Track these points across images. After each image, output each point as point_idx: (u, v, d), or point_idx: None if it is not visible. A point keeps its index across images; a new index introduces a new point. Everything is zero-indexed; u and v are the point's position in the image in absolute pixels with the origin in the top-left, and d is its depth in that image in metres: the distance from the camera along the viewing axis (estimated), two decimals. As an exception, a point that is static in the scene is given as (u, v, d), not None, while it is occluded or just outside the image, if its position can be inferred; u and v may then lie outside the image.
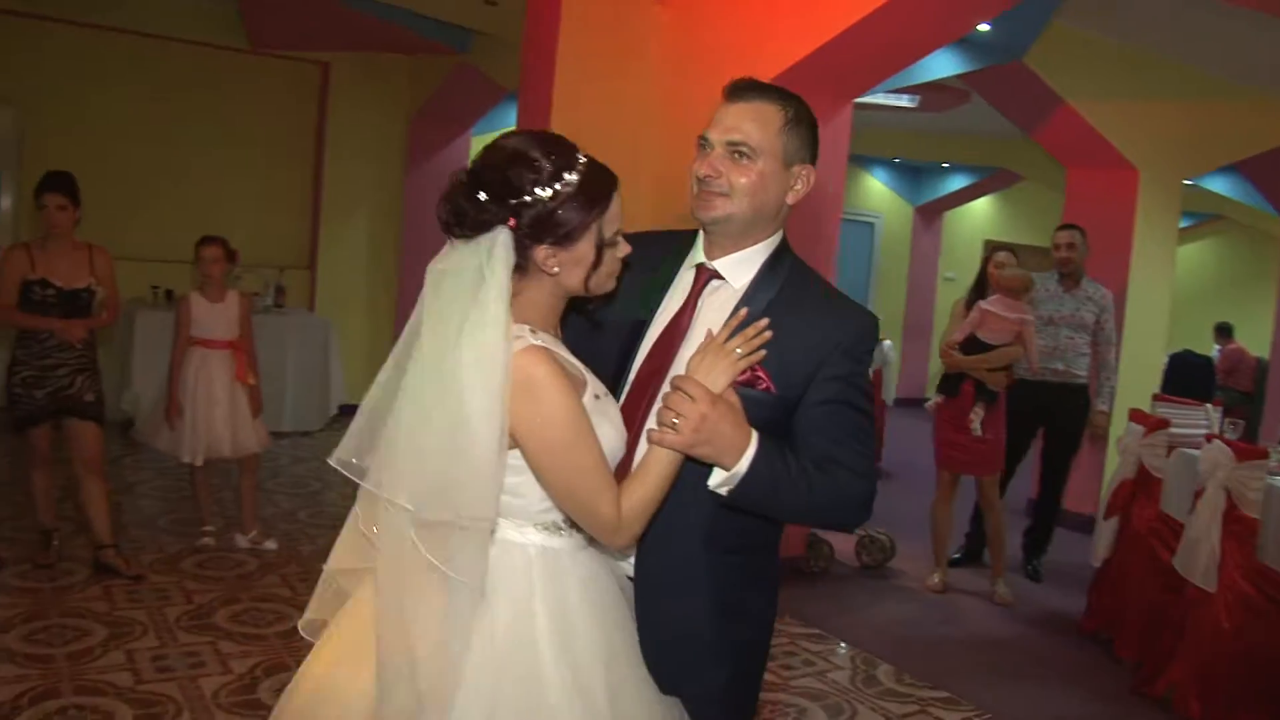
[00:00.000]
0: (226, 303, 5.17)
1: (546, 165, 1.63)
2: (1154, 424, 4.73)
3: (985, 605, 5.35)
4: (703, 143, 1.82)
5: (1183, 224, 14.66)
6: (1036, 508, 6.02)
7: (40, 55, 7.89)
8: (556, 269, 1.67)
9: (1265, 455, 4.00)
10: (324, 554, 1.76)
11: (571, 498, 1.62)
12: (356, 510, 1.70)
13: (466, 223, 1.63)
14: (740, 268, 1.84)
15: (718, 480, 1.69)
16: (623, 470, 1.69)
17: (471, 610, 1.57)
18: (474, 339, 1.55)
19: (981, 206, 13.13)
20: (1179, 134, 7.06)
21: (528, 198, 1.62)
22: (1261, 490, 3.92)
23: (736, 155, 1.78)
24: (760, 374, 1.74)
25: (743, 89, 1.81)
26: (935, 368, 6.49)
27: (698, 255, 1.88)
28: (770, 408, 1.75)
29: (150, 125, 8.26)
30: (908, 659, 4.50)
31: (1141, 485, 4.72)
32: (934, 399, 5.43)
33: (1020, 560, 5.96)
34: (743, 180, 1.77)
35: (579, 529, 1.70)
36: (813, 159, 1.84)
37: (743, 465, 1.66)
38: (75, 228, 4.70)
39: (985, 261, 5.58)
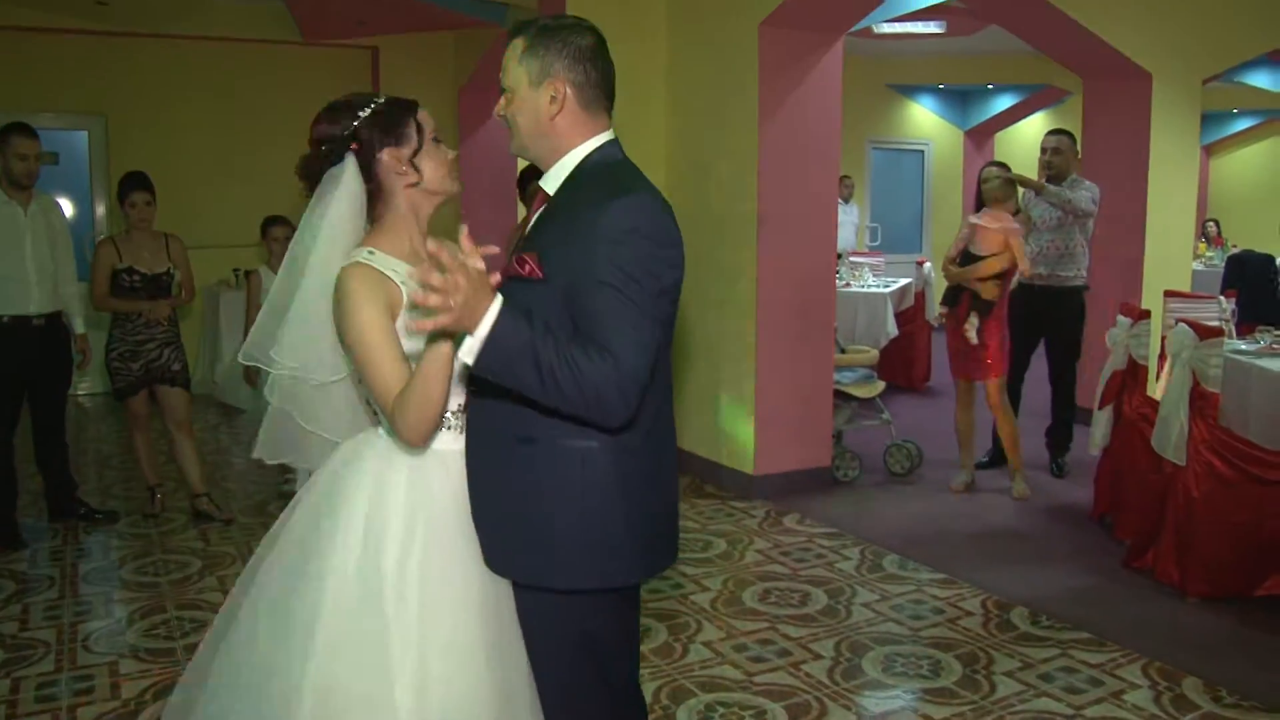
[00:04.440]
0: (291, 276, 5.77)
1: (354, 101, 2.12)
2: (1139, 315, 5.02)
3: (1004, 501, 5.69)
4: None
5: (1244, 125, 14.57)
6: (1053, 409, 6.29)
7: (120, 69, 8.73)
8: (403, 168, 2.09)
9: (1222, 334, 4.30)
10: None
11: (371, 389, 1.98)
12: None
13: (320, 171, 2.12)
14: (553, 179, 2.04)
15: (466, 348, 1.76)
16: None
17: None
18: (319, 254, 2.07)
19: (1035, 125, 13.12)
20: (1192, 32, 7.14)
21: (355, 122, 2.09)
22: (1220, 366, 4.24)
23: (504, 92, 2.04)
24: (528, 260, 1.92)
25: (510, 32, 2.05)
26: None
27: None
28: (540, 293, 1.90)
29: (218, 123, 9.02)
30: (915, 549, 4.91)
31: (1130, 374, 5.02)
32: (939, 310, 5.80)
33: (1045, 459, 6.27)
34: (509, 110, 2.03)
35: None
36: (565, 72, 1.97)
37: (484, 327, 1.73)
38: (154, 219, 5.34)
39: (978, 182, 5.86)
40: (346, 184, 2.08)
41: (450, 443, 2.08)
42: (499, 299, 1.76)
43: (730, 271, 5.79)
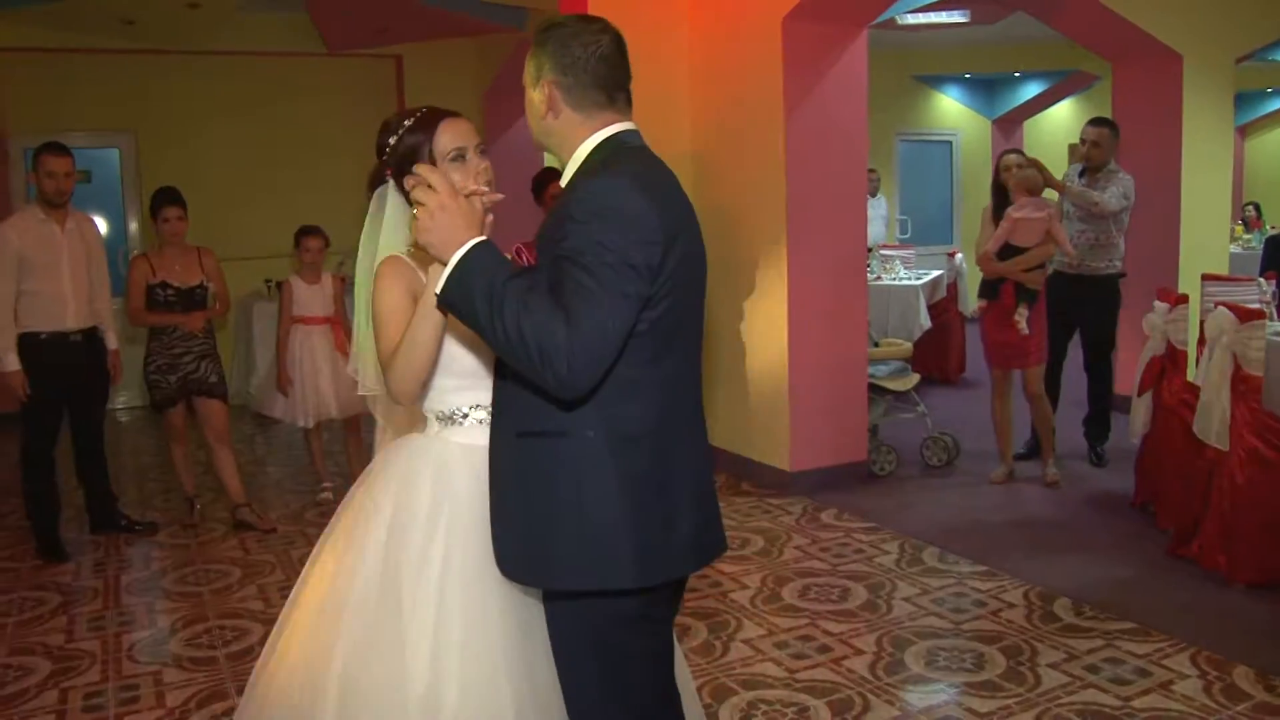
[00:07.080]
0: (323, 284, 5.83)
1: (393, 123, 2.20)
2: (1176, 299, 4.95)
3: (1044, 492, 5.62)
4: None
5: (1279, 104, 14.31)
6: (1089, 397, 6.22)
7: (149, 86, 8.83)
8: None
9: (1264, 316, 4.23)
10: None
11: (377, 351, 2.14)
12: None
13: (372, 184, 2.28)
14: (565, 176, 2.07)
15: (441, 279, 1.84)
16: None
17: None
18: (365, 259, 2.25)
19: (1064, 111, 13.01)
20: (1223, 10, 7.05)
21: (386, 150, 2.20)
22: (1263, 348, 4.17)
23: None
24: (524, 249, 1.95)
25: None
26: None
27: None
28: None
29: (247, 135, 9.10)
30: (954, 541, 4.87)
31: (1169, 360, 4.95)
32: (977, 304, 5.73)
33: (1085, 449, 6.20)
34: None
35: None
36: (552, 74, 2.00)
37: (456, 256, 1.82)
38: (186, 234, 5.40)
39: (996, 170, 5.80)
40: (391, 205, 2.24)
41: (476, 438, 2.14)
42: (483, 237, 1.85)
43: (761, 268, 5.77)
